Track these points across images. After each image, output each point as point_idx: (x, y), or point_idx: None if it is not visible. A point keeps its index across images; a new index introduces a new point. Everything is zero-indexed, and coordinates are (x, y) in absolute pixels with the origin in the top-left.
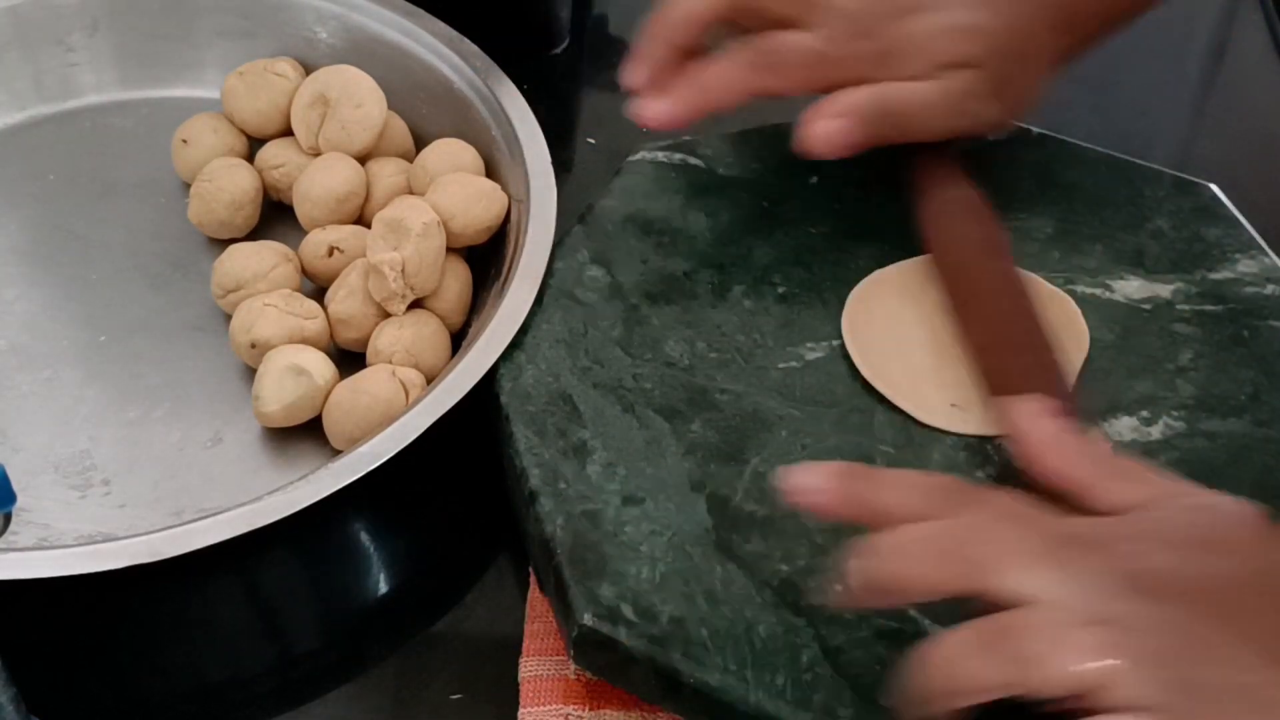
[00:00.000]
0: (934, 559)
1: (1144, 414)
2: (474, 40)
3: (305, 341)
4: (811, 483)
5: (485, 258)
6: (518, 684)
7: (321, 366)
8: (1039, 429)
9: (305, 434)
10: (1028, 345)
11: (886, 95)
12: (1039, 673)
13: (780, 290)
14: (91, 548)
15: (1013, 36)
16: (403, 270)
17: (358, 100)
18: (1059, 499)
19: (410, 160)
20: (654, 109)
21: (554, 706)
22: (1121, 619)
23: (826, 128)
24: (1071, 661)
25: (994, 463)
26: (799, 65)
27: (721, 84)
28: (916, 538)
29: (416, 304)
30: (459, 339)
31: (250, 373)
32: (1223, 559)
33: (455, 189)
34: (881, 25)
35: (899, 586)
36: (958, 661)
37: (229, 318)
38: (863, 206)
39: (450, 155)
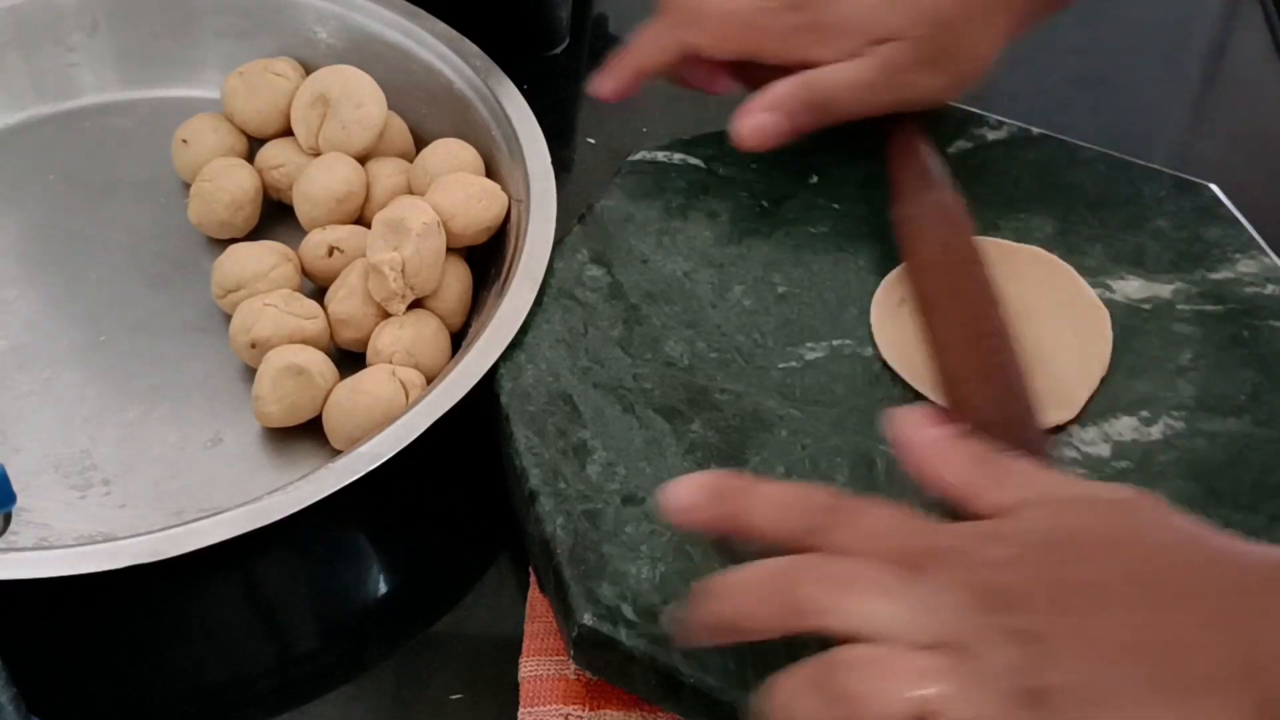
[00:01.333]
0: (764, 600)
1: (1144, 414)
2: (474, 40)
3: (305, 341)
4: (684, 500)
5: (485, 258)
6: (518, 684)
7: (321, 366)
8: (920, 436)
9: (305, 434)
10: (995, 375)
11: (812, 83)
12: (867, 709)
13: (780, 290)
14: (91, 548)
15: (950, 5)
16: (403, 270)
17: (358, 100)
18: (947, 504)
19: (410, 160)
20: (600, 86)
21: (554, 706)
22: (958, 638)
23: (756, 121)
24: (898, 693)
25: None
26: (720, 22)
27: (648, 44)
28: (747, 579)
29: (416, 304)
30: (459, 339)
31: (250, 373)
32: (1088, 557)
33: (455, 189)
34: (813, 1)
35: (732, 627)
36: (792, 703)
37: (229, 318)
38: (863, 206)
39: (450, 155)
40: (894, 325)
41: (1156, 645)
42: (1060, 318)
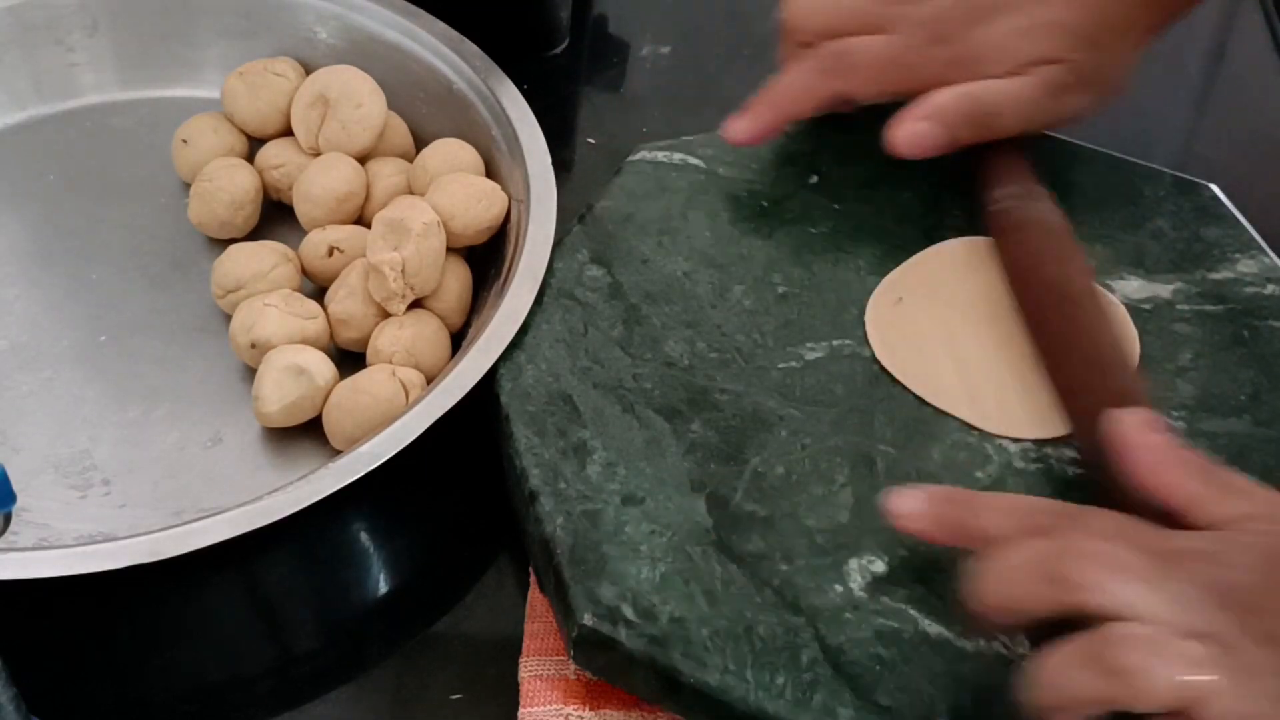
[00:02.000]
0: (1034, 580)
1: None
2: (474, 40)
3: (305, 341)
4: (911, 507)
5: (485, 258)
6: (518, 684)
7: (321, 366)
8: (1145, 442)
9: (305, 434)
10: (1114, 372)
11: (975, 95)
12: (1139, 685)
13: (780, 290)
14: (91, 548)
15: (1095, 24)
16: (403, 270)
17: (358, 100)
18: (1154, 515)
19: (410, 160)
20: (734, 127)
21: (554, 706)
22: (1220, 633)
23: (913, 129)
24: (1171, 674)
25: (994, 463)
26: (870, 67)
27: (794, 92)
28: (1016, 562)
29: (416, 304)
30: (459, 339)
31: (250, 373)
32: None
33: (455, 189)
34: (958, 31)
35: (1007, 608)
36: (1062, 676)
37: (229, 318)
38: (863, 206)
39: (450, 155)
40: (889, 326)
41: None
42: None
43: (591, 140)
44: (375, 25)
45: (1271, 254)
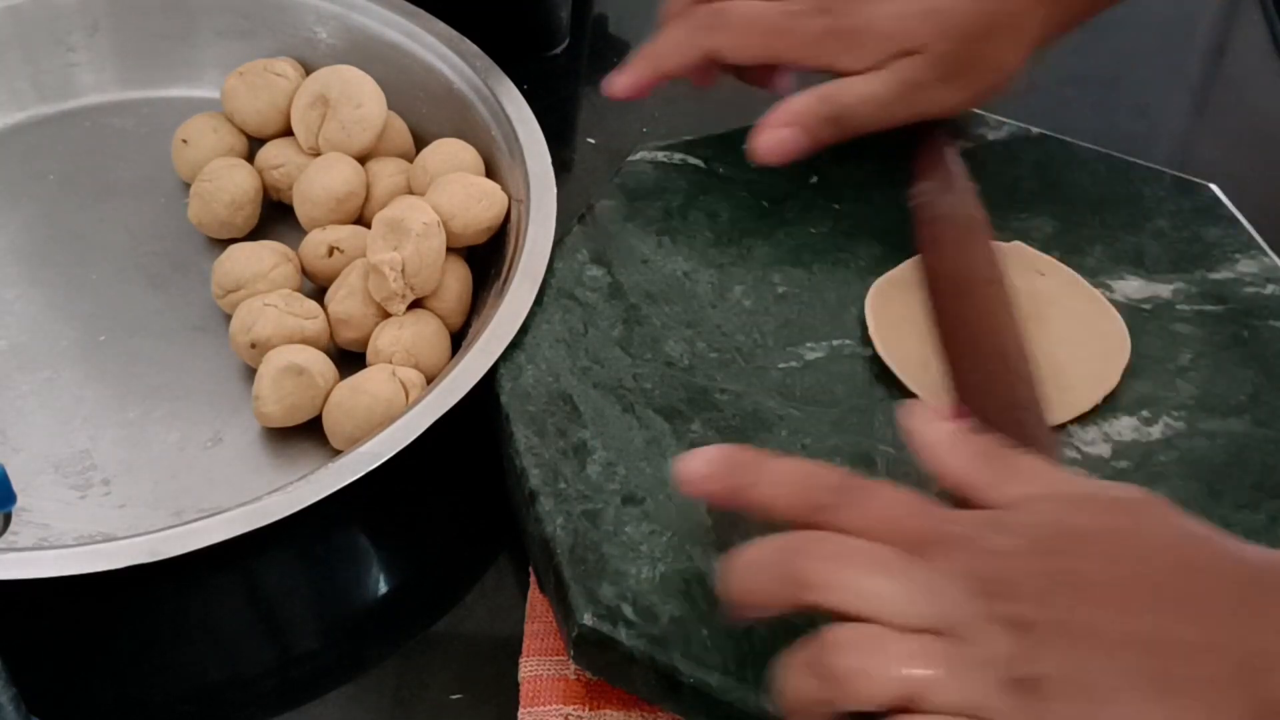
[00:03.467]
0: (769, 575)
1: (1144, 414)
2: (474, 40)
3: (305, 341)
4: (698, 472)
5: (485, 258)
6: (518, 684)
7: (321, 366)
8: (931, 430)
9: (305, 434)
10: (1005, 376)
11: (829, 98)
12: (856, 688)
13: (780, 290)
14: (91, 548)
15: (978, 16)
16: (403, 270)
17: (358, 100)
18: (954, 497)
19: (410, 160)
20: (614, 82)
21: (554, 706)
22: (958, 623)
23: (774, 136)
24: (888, 673)
25: None
26: (744, 28)
27: (669, 48)
28: (754, 555)
29: (416, 304)
30: (459, 339)
31: (250, 373)
32: (1090, 553)
33: (455, 189)
34: (840, 6)
35: (746, 603)
36: (789, 682)
37: (229, 318)
38: (863, 206)
39: (450, 155)
40: (889, 323)
41: (1151, 643)
42: (1077, 325)
43: (591, 140)
44: (375, 25)
45: (1271, 254)
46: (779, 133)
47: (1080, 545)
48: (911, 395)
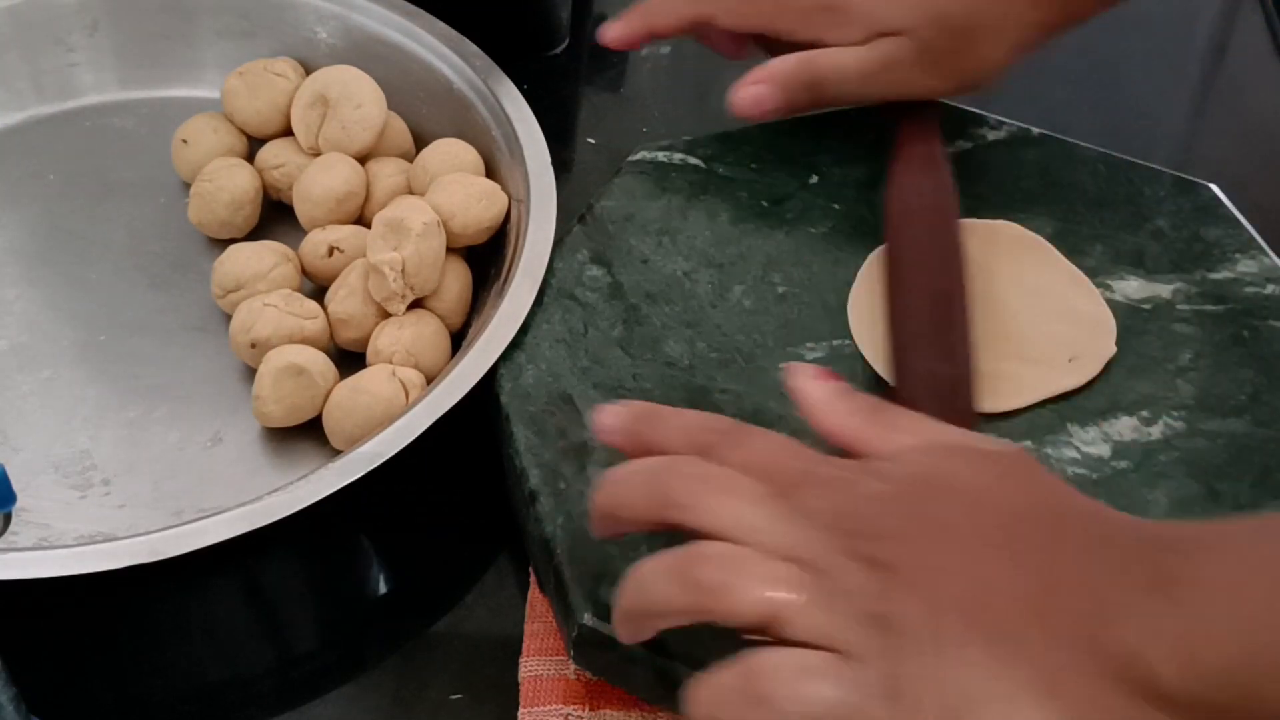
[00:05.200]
0: (640, 491)
1: (1144, 414)
2: (474, 40)
3: (305, 341)
4: (610, 423)
5: (485, 258)
6: (518, 684)
7: (321, 366)
8: (813, 389)
9: (305, 434)
10: (939, 343)
11: (811, 62)
12: (721, 601)
13: (780, 290)
14: (91, 548)
15: (966, 9)
16: (403, 270)
17: (358, 100)
18: (839, 452)
19: (410, 160)
20: (607, 33)
21: (554, 706)
22: (819, 556)
23: (751, 92)
24: (752, 592)
25: None
26: None
27: (665, 5)
28: (629, 471)
29: (416, 304)
30: (459, 339)
31: (250, 373)
32: (952, 500)
33: (455, 189)
34: None
35: (613, 515)
36: (650, 585)
37: (229, 318)
38: (863, 206)
39: (450, 155)
40: (870, 316)
41: (1001, 589)
42: (1061, 310)
43: (591, 140)
44: (375, 25)
45: (1271, 254)
46: (756, 89)
47: (944, 494)
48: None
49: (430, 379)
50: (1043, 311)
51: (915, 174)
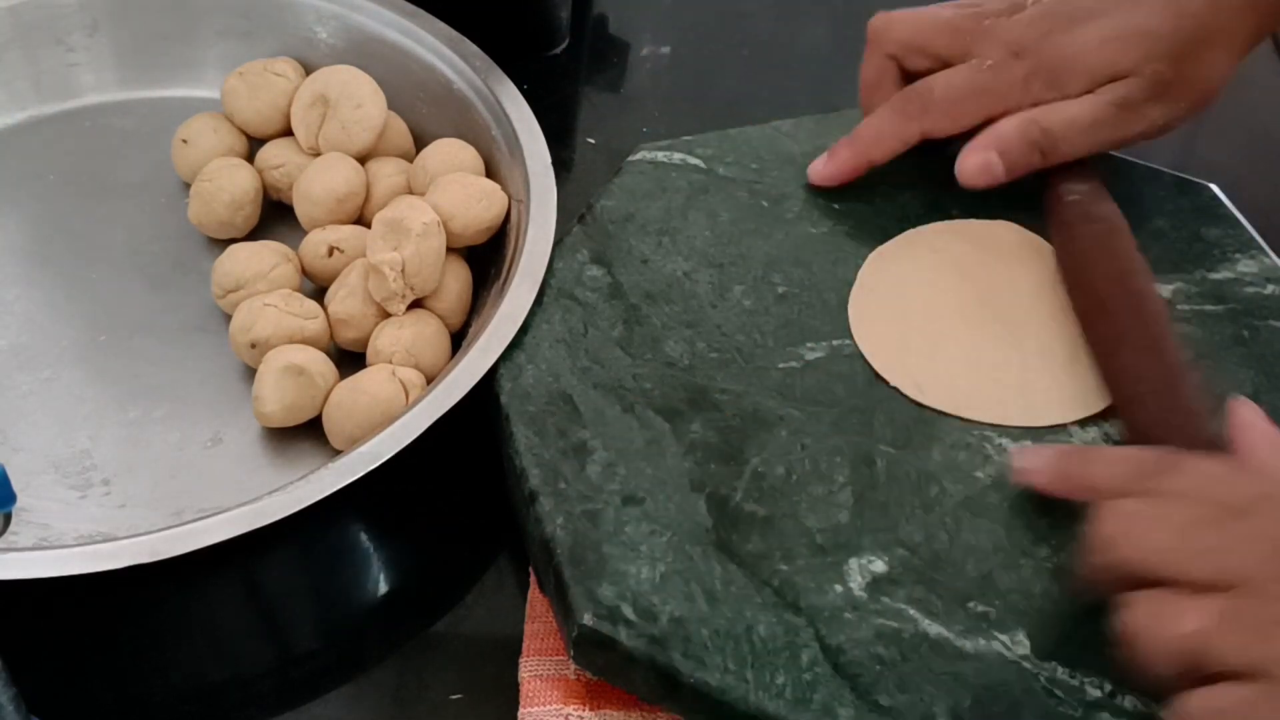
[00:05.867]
0: (1112, 481)
1: None
2: (474, 40)
3: (305, 341)
4: (1035, 463)
5: (485, 258)
6: (518, 684)
7: (321, 366)
8: (1255, 421)
9: (305, 434)
10: (1169, 360)
11: (1039, 121)
12: (1148, 643)
13: (780, 290)
14: (91, 548)
15: (1188, 33)
16: (403, 270)
17: (358, 100)
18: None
19: (410, 160)
20: (822, 170)
21: (554, 706)
22: (1255, 582)
23: (981, 160)
24: (1175, 630)
25: (994, 462)
26: (949, 102)
27: (883, 134)
28: (1112, 457)
29: (416, 304)
30: (459, 339)
31: (250, 373)
32: None
33: (455, 189)
34: (1038, 44)
35: (1083, 486)
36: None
37: (229, 318)
38: (863, 206)
39: (450, 155)
40: (870, 316)
41: None
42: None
43: (591, 140)
44: (375, 25)
45: (1271, 254)
46: (985, 156)
47: None
48: (884, 400)
49: (430, 379)
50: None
51: (1083, 211)
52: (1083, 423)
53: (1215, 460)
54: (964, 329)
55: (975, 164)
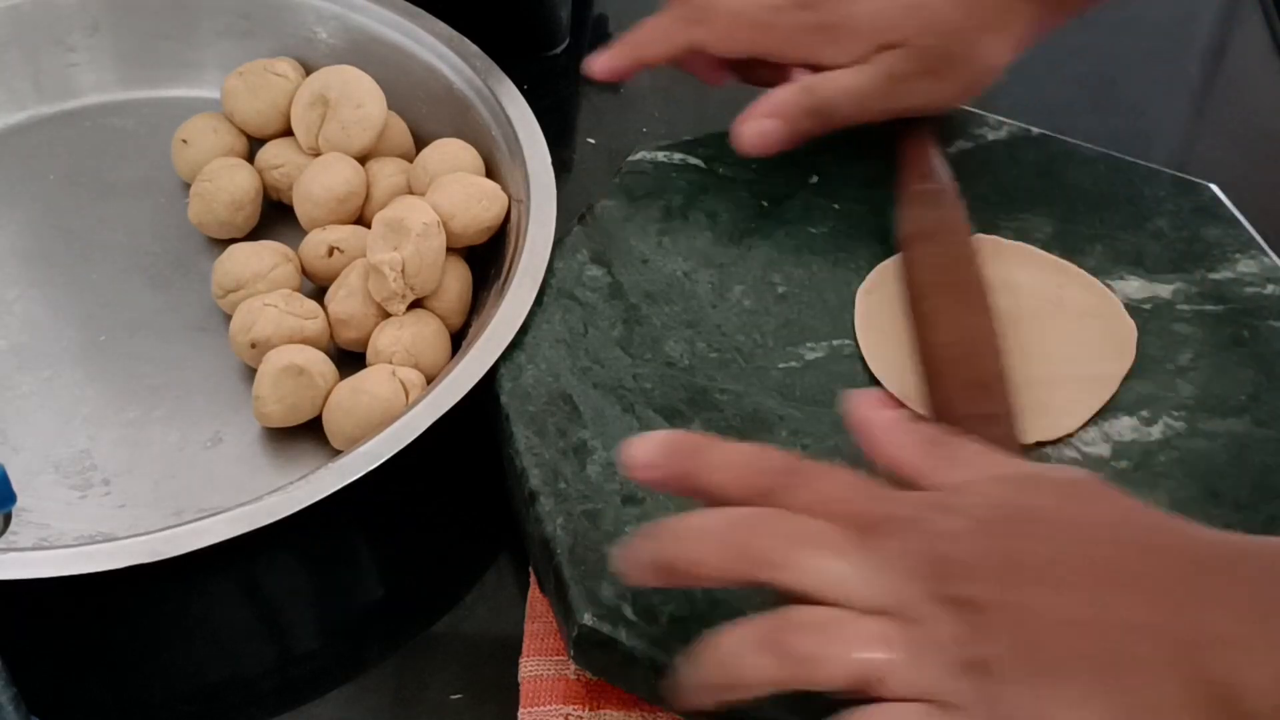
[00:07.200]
0: (719, 548)
1: (1144, 414)
2: (474, 40)
3: (305, 341)
4: (644, 457)
5: (485, 258)
6: (518, 684)
7: (321, 366)
8: (875, 416)
9: (305, 434)
10: (978, 375)
11: (813, 89)
12: (815, 670)
13: (780, 290)
14: (91, 548)
15: (963, 12)
16: (403, 270)
17: (358, 100)
18: (900, 482)
19: (410, 160)
20: (595, 64)
21: (554, 706)
22: (907, 604)
23: (757, 127)
24: (847, 655)
25: None
26: (729, 21)
27: (655, 35)
28: (703, 525)
29: (416, 304)
30: (459, 339)
31: (250, 373)
32: (1038, 534)
33: (455, 189)
34: (824, 1)
35: (683, 571)
36: (736, 658)
37: (229, 318)
38: (863, 206)
39: (450, 155)
40: (875, 326)
41: (1097, 623)
42: (1085, 326)
43: (591, 140)
44: (375, 25)
45: (1271, 254)
46: (761, 123)
47: (1027, 527)
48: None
49: (430, 379)
50: (1065, 336)
51: (923, 205)
52: (1079, 431)
53: (844, 473)
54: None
55: (754, 129)
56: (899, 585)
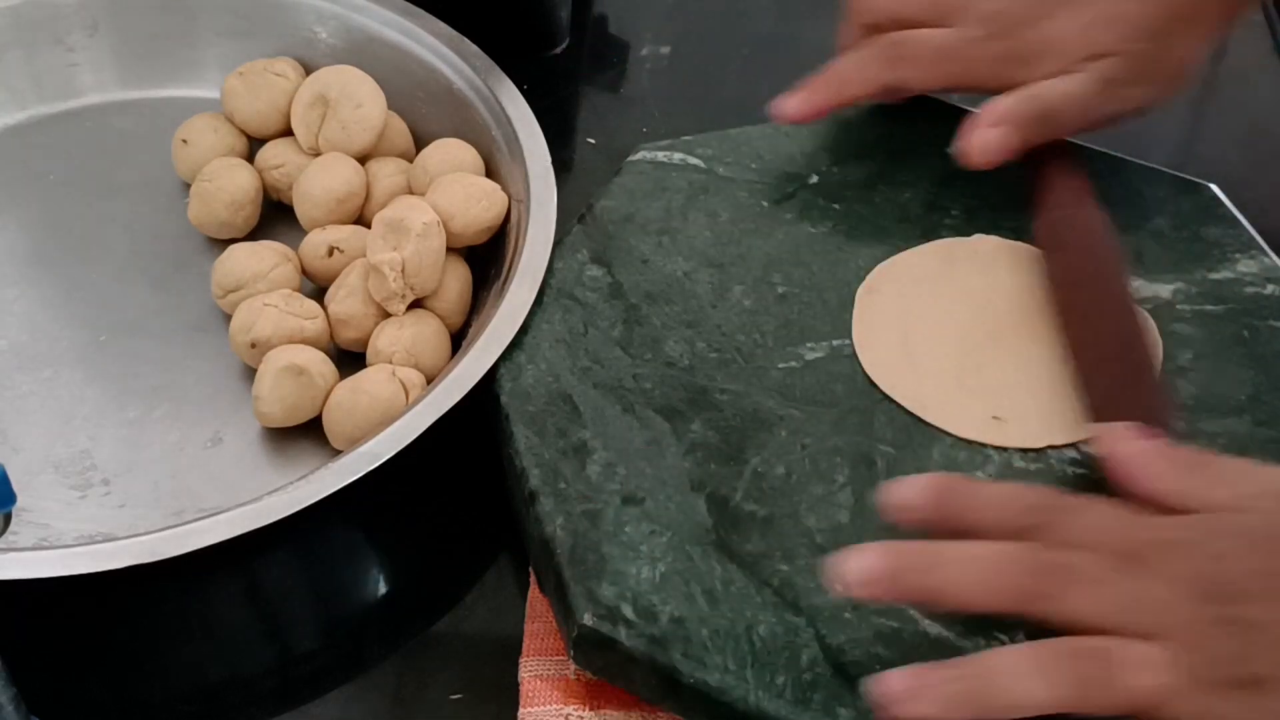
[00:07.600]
0: (987, 580)
1: None
2: (474, 40)
3: (305, 341)
4: (906, 500)
5: (485, 258)
6: (518, 684)
7: (321, 366)
8: (1130, 449)
9: (305, 434)
10: (1133, 375)
11: (1037, 96)
12: (1095, 696)
13: (780, 290)
14: (91, 548)
15: (1159, 16)
16: (403, 270)
17: (358, 100)
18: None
19: (410, 160)
20: (789, 104)
21: (554, 706)
22: (1178, 629)
23: (985, 136)
24: (1124, 683)
25: (994, 463)
26: (926, 58)
27: (853, 76)
28: (970, 555)
29: (416, 304)
30: (459, 339)
31: (250, 373)
32: None
33: (455, 189)
34: (1018, 26)
35: (950, 598)
36: (1007, 679)
37: (229, 318)
38: (863, 206)
39: (450, 155)
40: (871, 326)
41: None
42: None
43: (591, 140)
44: (375, 25)
45: (1271, 254)
46: (989, 133)
47: None
48: (884, 400)
49: (430, 379)
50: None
51: (1069, 207)
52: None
53: (1106, 504)
54: (967, 345)
55: (982, 140)
56: (1169, 610)
